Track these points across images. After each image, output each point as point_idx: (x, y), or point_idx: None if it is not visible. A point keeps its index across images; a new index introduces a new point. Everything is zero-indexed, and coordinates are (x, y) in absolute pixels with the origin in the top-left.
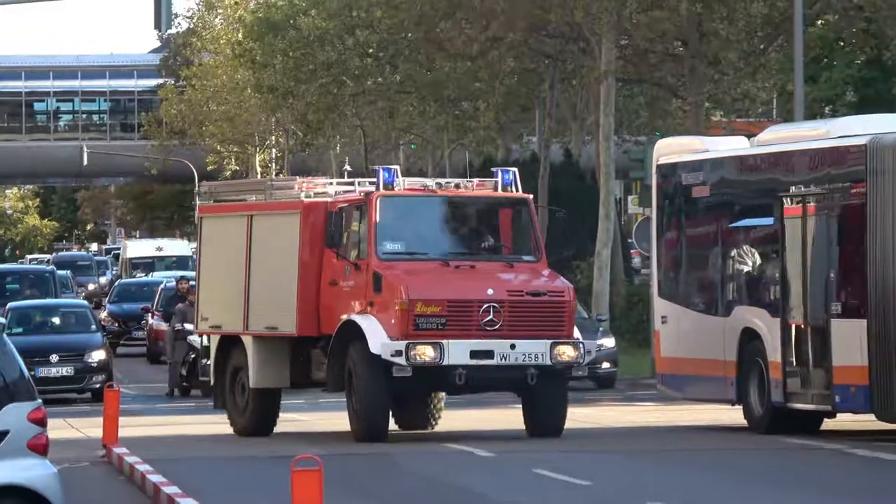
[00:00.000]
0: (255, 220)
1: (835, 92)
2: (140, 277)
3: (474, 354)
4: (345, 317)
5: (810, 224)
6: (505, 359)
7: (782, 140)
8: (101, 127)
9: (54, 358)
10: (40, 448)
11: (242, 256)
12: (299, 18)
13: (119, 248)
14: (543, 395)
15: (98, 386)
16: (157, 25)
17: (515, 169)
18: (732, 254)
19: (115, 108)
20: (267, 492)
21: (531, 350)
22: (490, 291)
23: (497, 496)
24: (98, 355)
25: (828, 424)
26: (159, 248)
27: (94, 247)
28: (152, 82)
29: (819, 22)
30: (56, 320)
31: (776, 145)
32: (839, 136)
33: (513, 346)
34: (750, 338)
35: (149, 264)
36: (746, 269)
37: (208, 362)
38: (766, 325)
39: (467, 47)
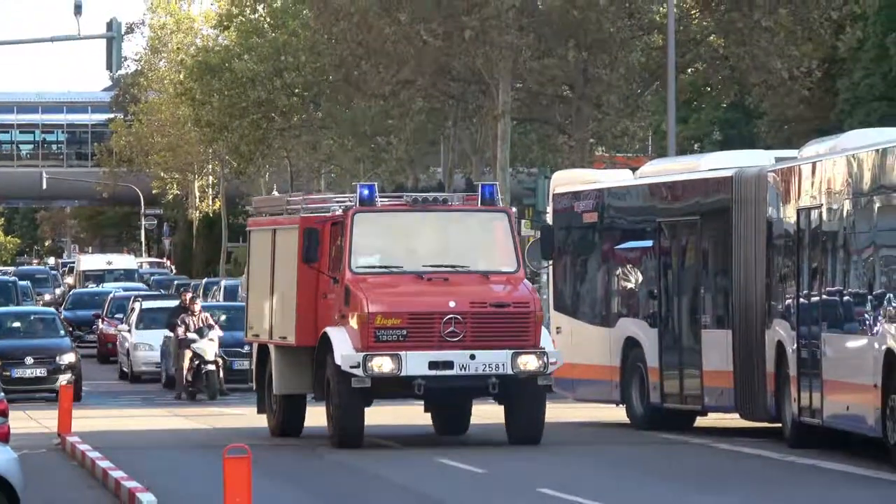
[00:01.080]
0: (277, 234)
1: (703, 131)
2: (92, 288)
3: (433, 365)
4: (325, 329)
5: (683, 246)
6: (465, 369)
7: (660, 173)
8: (58, 155)
9: (28, 360)
10: (1, 436)
11: (269, 269)
12: (234, 62)
13: (74, 262)
14: (520, 404)
15: (71, 383)
16: (109, 67)
17: (497, 183)
18: (617, 272)
19: (72, 138)
20: (203, 476)
21: (492, 360)
22: (452, 304)
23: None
24: (68, 357)
25: (700, 422)
26: (109, 262)
27: (51, 261)
28: (104, 116)
29: (689, 70)
30: (28, 326)
31: (655, 177)
32: (709, 170)
33: (472, 357)
34: (632, 346)
35: (99, 276)
36: (629, 285)
37: (211, 368)
38: (645, 335)
39: (381, 88)
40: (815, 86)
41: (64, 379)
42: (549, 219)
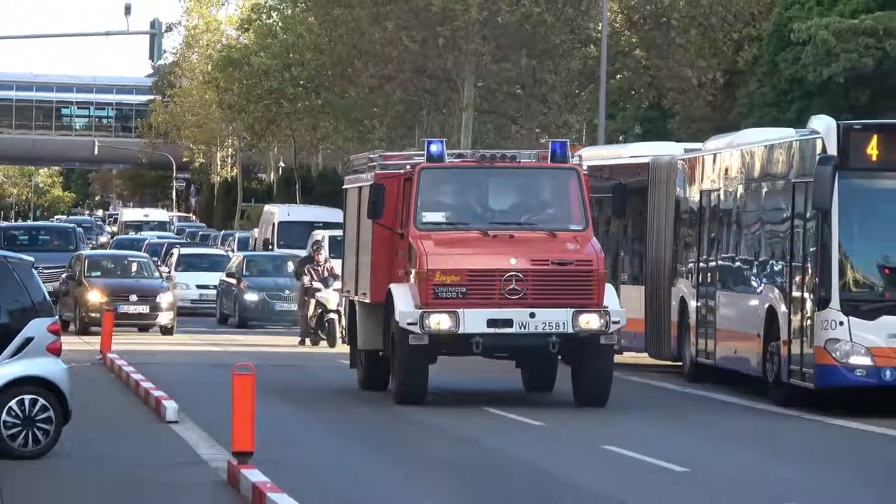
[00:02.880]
0: (361, 192)
1: (627, 126)
2: (132, 235)
3: (492, 323)
4: (390, 285)
5: (608, 217)
6: (524, 327)
7: (593, 158)
8: (108, 127)
9: (133, 297)
10: (56, 351)
11: (356, 227)
12: (252, 57)
13: (118, 214)
14: (584, 364)
15: (168, 320)
16: (151, 57)
17: (568, 140)
18: None
19: (119, 114)
20: (222, 389)
21: (552, 318)
22: (512, 261)
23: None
24: (167, 297)
25: (617, 359)
26: (146, 215)
27: (99, 213)
28: (146, 98)
29: (618, 76)
30: (128, 268)
31: (589, 161)
32: (631, 157)
33: (532, 315)
34: None
35: (138, 226)
36: None
37: (333, 316)
38: None
39: (369, 82)
40: (718, 92)
41: (164, 317)
42: None
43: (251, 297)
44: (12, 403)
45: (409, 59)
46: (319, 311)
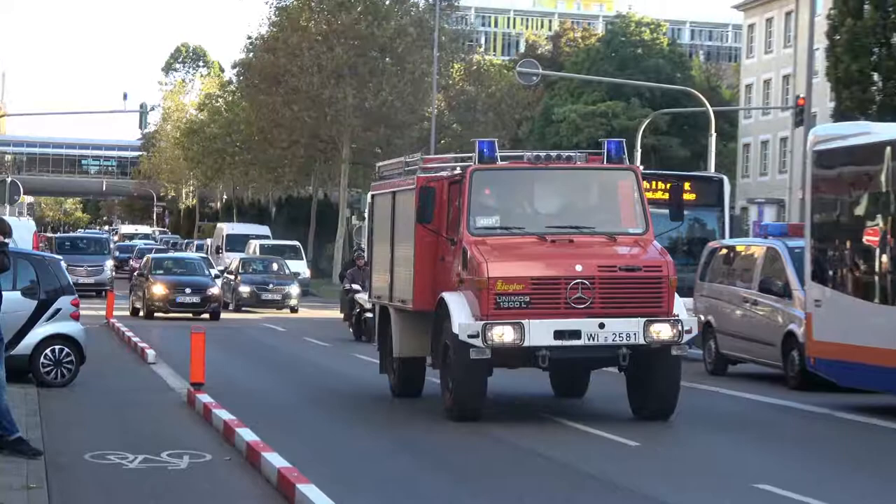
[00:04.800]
0: (396, 196)
1: None
2: (127, 242)
3: (559, 335)
4: (442, 294)
5: None
6: (593, 338)
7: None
8: (112, 172)
9: (188, 290)
10: (76, 317)
11: (389, 232)
12: (206, 128)
13: (117, 229)
14: (652, 376)
15: (214, 308)
16: (140, 126)
17: (623, 140)
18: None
19: (119, 164)
20: (185, 342)
21: (623, 329)
22: (579, 267)
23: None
24: (214, 290)
25: None
26: (136, 230)
27: (106, 228)
28: (136, 153)
29: (442, 142)
30: (186, 266)
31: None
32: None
33: (602, 325)
34: None
35: (131, 237)
36: None
37: (369, 315)
38: None
39: (282, 144)
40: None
41: (211, 307)
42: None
43: (244, 288)
44: (47, 351)
45: (308, 130)
46: (358, 310)
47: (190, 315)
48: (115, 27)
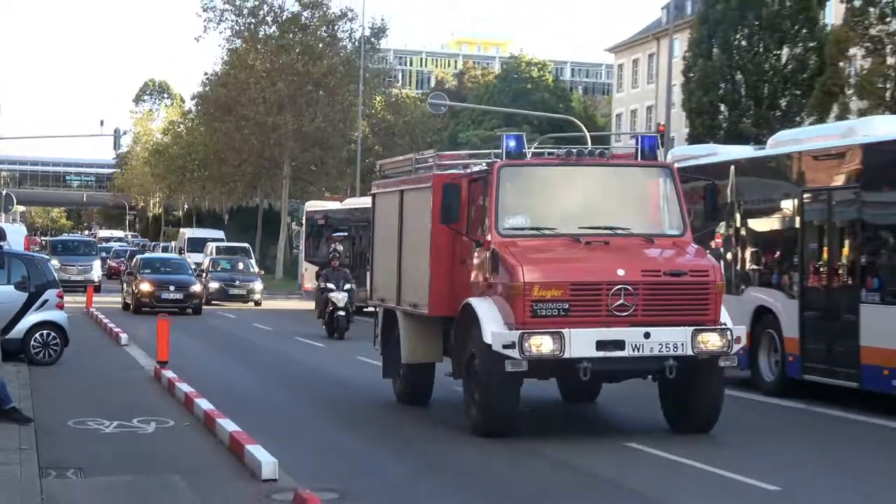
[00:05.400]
0: (405, 195)
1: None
2: (104, 244)
3: (602, 345)
4: (468, 300)
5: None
6: (638, 349)
7: (358, 204)
8: (91, 186)
9: (171, 288)
10: (61, 307)
11: (396, 232)
12: (169, 149)
13: (96, 233)
14: (696, 388)
15: (196, 304)
16: (115, 148)
17: (658, 136)
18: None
19: (97, 179)
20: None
21: (669, 339)
22: (621, 272)
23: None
24: (196, 287)
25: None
26: (112, 234)
27: (86, 233)
28: (111, 170)
29: (366, 160)
30: (170, 266)
31: (352, 205)
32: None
33: (647, 335)
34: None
35: (108, 239)
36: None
37: (341, 314)
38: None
39: (233, 163)
40: None
41: (193, 303)
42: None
43: (214, 285)
44: (36, 335)
45: (255, 151)
46: (330, 308)
47: (176, 310)
48: (94, 64)
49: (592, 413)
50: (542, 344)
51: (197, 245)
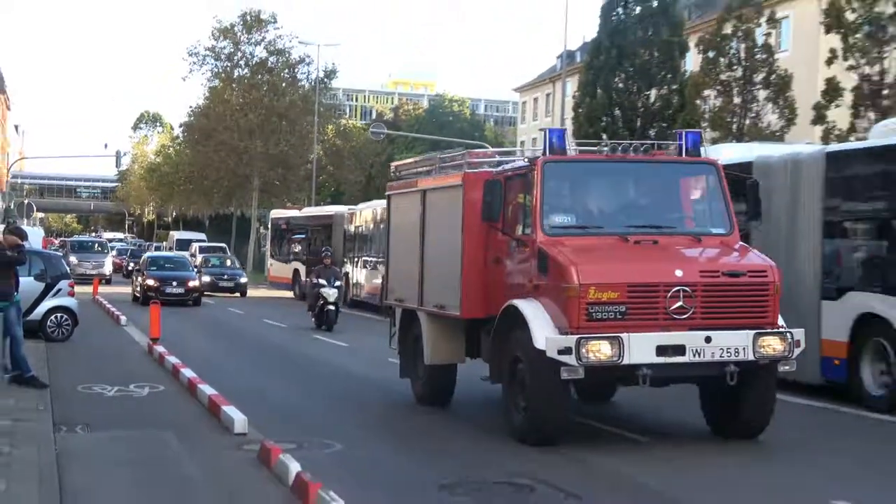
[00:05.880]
0: (428, 195)
1: (329, 198)
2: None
3: (662, 350)
4: (512, 301)
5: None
6: (699, 354)
7: (311, 211)
8: (97, 197)
9: (174, 283)
10: (72, 294)
11: (418, 232)
12: (160, 168)
13: (101, 235)
14: (748, 393)
15: (196, 297)
16: (116, 166)
17: (701, 131)
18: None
19: (103, 191)
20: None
21: (730, 343)
22: (679, 272)
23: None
24: (194, 283)
25: None
26: (114, 236)
27: (93, 234)
28: (114, 184)
29: (321, 177)
30: (173, 264)
31: (305, 215)
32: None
33: (708, 340)
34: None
35: (110, 240)
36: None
37: (331, 308)
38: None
39: (212, 179)
40: (362, 188)
41: (193, 296)
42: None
43: (205, 278)
44: (52, 317)
45: (230, 170)
46: (321, 302)
47: (178, 302)
48: (101, 95)
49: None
50: (599, 349)
51: (183, 245)
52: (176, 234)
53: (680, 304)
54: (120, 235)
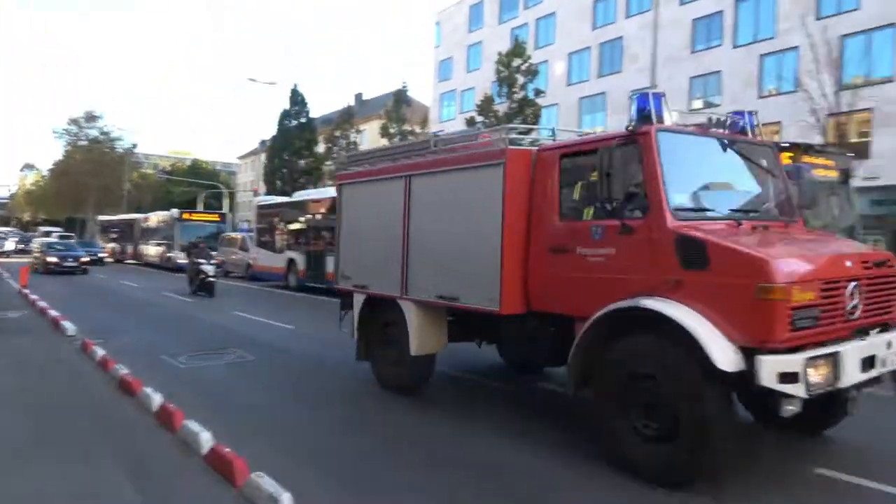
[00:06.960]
0: (413, 180)
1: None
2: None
3: (865, 364)
4: (642, 301)
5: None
6: (885, 364)
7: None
8: None
9: (70, 259)
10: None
11: (398, 219)
12: (35, 193)
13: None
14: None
15: (84, 268)
16: (8, 193)
17: (756, 111)
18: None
19: (1, 206)
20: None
21: None
22: (848, 263)
23: None
24: (84, 259)
25: None
26: (5, 229)
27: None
28: (6, 200)
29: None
30: (64, 246)
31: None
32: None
33: (889, 345)
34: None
35: (8, 232)
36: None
37: (211, 279)
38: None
39: (65, 198)
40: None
41: (81, 267)
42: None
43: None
44: None
45: (75, 194)
46: (202, 276)
47: (71, 272)
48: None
49: None
50: (819, 370)
51: (46, 235)
52: (42, 229)
53: (855, 302)
54: (9, 230)
